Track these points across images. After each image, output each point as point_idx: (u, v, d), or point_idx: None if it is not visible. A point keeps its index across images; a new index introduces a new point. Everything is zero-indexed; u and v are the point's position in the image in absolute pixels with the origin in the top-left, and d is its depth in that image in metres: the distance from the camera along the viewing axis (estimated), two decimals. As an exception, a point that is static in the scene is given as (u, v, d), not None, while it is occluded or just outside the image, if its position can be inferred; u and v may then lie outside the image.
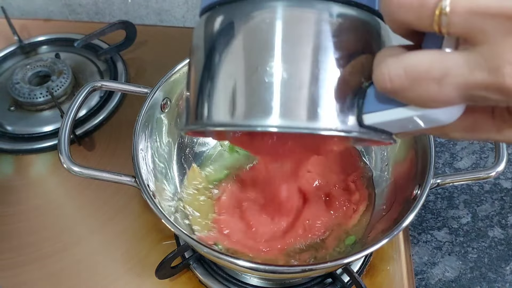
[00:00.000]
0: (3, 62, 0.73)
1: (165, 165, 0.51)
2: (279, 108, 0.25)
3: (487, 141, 0.42)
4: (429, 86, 0.21)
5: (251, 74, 0.25)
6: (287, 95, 0.25)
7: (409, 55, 0.21)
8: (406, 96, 0.22)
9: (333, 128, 0.25)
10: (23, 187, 0.59)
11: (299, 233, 0.48)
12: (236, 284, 0.48)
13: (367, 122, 0.25)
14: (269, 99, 0.25)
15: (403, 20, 0.22)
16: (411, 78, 0.21)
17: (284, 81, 0.25)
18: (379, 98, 0.25)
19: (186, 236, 0.39)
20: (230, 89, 0.26)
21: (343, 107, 0.25)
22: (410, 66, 0.21)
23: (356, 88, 0.25)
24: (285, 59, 0.25)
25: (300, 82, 0.25)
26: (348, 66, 0.25)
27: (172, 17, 0.85)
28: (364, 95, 0.25)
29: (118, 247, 0.52)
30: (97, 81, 0.49)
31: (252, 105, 0.25)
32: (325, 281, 0.48)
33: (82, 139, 0.63)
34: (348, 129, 0.25)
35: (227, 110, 0.26)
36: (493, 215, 0.60)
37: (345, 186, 0.51)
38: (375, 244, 0.37)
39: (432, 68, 0.21)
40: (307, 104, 0.25)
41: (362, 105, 0.25)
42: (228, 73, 0.26)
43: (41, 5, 0.87)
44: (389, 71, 0.22)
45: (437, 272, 0.55)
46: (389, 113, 0.24)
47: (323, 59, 0.25)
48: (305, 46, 0.25)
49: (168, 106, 0.51)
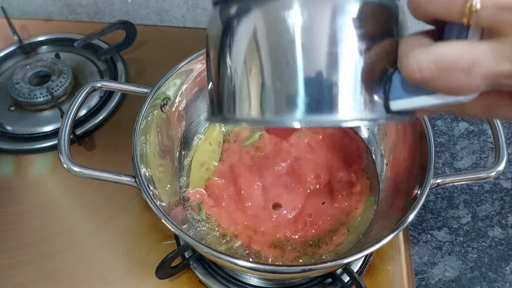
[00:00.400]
0: (3, 62, 0.73)
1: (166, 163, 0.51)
2: (309, 102, 0.25)
3: (505, 119, 0.43)
4: (458, 76, 0.22)
5: (275, 68, 0.25)
6: (314, 87, 0.25)
7: (437, 46, 0.22)
8: (435, 85, 0.23)
9: (364, 118, 0.25)
10: (23, 187, 0.59)
11: (299, 226, 0.48)
12: (236, 284, 0.48)
13: (394, 108, 0.26)
14: (297, 93, 0.25)
15: (431, 13, 0.23)
16: (440, 68, 0.22)
17: (309, 73, 0.25)
18: (405, 85, 0.25)
19: (186, 236, 0.39)
20: (254, 83, 0.26)
21: (371, 95, 0.25)
22: (439, 57, 0.22)
23: (382, 75, 0.26)
24: (308, 51, 0.25)
25: (325, 74, 0.25)
26: (373, 53, 0.25)
27: (172, 17, 0.85)
28: (390, 82, 0.26)
29: (118, 247, 0.52)
30: (97, 81, 0.49)
31: (279, 100, 0.25)
32: (325, 281, 0.48)
33: (82, 139, 0.63)
34: (377, 117, 0.26)
35: (253, 105, 0.26)
36: (493, 215, 0.60)
37: (347, 178, 0.51)
38: (375, 244, 0.37)
39: (461, 59, 0.22)
40: (335, 96, 0.25)
41: (389, 91, 0.26)
42: (251, 66, 0.26)
43: (41, 5, 0.87)
44: (418, 63, 0.23)
45: (437, 272, 0.55)
46: (417, 100, 0.25)
47: (347, 48, 0.25)
48: (328, 36, 0.25)
49: (168, 106, 0.51)
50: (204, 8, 0.83)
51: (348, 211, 0.49)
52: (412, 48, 0.23)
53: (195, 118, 0.56)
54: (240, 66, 0.26)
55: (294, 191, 0.50)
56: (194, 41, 0.74)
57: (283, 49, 0.25)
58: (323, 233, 0.48)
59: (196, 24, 0.86)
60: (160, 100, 0.50)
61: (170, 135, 0.53)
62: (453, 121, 0.70)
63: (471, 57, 0.21)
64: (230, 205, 0.50)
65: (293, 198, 0.49)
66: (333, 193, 0.50)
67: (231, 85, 0.27)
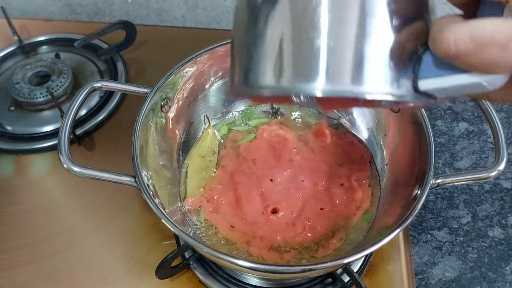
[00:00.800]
0: (3, 62, 0.73)
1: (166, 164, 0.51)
2: (336, 71, 0.25)
3: None
4: (494, 51, 0.22)
5: (303, 33, 0.25)
6: (343, 57, 0.25)
7: (474, 22, 0.22)
8: (469, 61, 0.23)
9: (391, 92, 0.25)
10: (23, 187, 0.59)
11: (297, 231, 0.48)
12: (236, 284, 0.48)
13: (422, 88, 0.26)
14: (326, 62, 0.25)
15: None
16: (476, 42, 0.22)
17: (339, 41, 0.25)
18: (436, 64, 0.25)
19: (186, 236, 0.39)
20: (277, 53, 0.26)
21: (400, 72, 0.25)
22: (475, 31, 0.22)
23: (412, 53, 0.26)
24: (339, 19, 0.25)
25: (355, 44, 0.24)
26: (404, 31, 0.25)
27: (172, 17, 0.85)
28: (420, 61, 0.26)
29: (118, 247, 0.52)
30: (97, 81, 0.49)
31: (306, 67, 0.25)
32: (325, 281, 0.48)
33: (82, 139, 0.63)
34: (404, 94, 0.26)
35: (275, 73, 0.26)
36: (493, 215, 0.60)
37: (348, 184, 0.51)
38: (375, 244, 0.37)
39: (498, 34, 0.21)
40: (363, 67, 0.25)
41: (418, 70, 0.26)
42: (275, 36, 0.26)
43: (41, 5, 0.87)
44: (454, 36, 0.22)
45: (437, 272, 0.55)
46: (448, 79, 0.25)
47: (379, 22, 0.25)
48: (360, 7, 0.25)
49: (168, 106, 0.51)
50: (204, 8, 0.83)
51: (347, 217, 0.49)
52: (447, 23, 0.23)
53: (195, 118, 0.56)
54: (268, 31, 0.26)
55: (293, 196, 0.50)
56: (194, 41, 0.74)
57: (313, 14, 0.25)
58: (321, 238, 0.48)
59: (196, 24, 0.86)
60: (160, 100, 0.50)
61: (170, 135, 0.53)
62: (453, 121, 0.70)
63: (508, 32, 0.21)
64: (228, 210, 0.50)
65: (292, 203, 0.49)
66: (332, 198, 0.50)
67: (258, 52, 0.27)
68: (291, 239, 0.47)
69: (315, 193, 0.50)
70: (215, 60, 0.53)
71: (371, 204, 0.50)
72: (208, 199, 0.51)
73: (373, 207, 0.50)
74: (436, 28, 0.24)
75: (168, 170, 0.51)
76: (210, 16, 0.84)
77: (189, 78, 0.52)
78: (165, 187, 0.49)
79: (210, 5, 0.82)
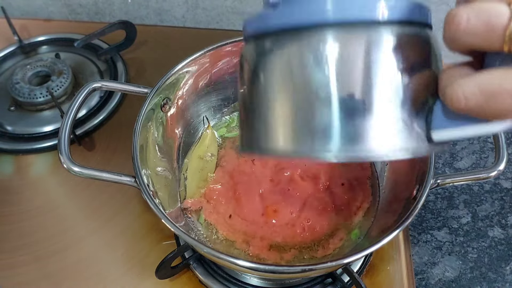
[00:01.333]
0: (3, 62, 0.73)
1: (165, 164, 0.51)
2: (350, 135, 0.24)
3: None
4: (505, 99, 0.22)
5: (313, 103, 0.25)
6: (355, 120, 0.24)
7: (481, 73, 0.22)
8: (481, 112, 0.23)
9: (407, 149, 0.25)
10: (23, 187, 0.59)
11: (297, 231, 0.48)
12: (236, 284, 0.48)
13: (436, 138, 0.26)
14: (340, 126, 0.24)
15: (470, 44, 0.23)
16: (486, 94, 0.22)
17: (348, 106, 0.24)
18: (448, 115, 0.25)
19: (186, 236, 0.39)
20: (292, 117, 0.26)
21: (412, 126, 0.25)
22: (484, 83, 0.22)
23: (422, 106, 0.25)
24: (346, 83, 0.24)
25: (365, 106, 0.24)
26: (412, 85, 0.25)
27: (172, 17, 0.85)
28: (431, 112, 0.25)
29: (118, 247, 0.52)
30: (97, 81, 0.49)
31: (318, 133, 0.25)
32: (325, 281, 0.48)
33: (82, 139, 0.63)
34: (419, 148, 0.25)
35: (290, 137, 0.26)
36: (493, 215, 0.60)
37: (348, 184, 0.51)
38: (375, 244, 0.37)
39: (506, 82, 0.21)
40: (376, 128, 0.24)
41: (431, 122, 0.25)
42: (288, 100, 0.26)
43: (41, 5, 0.87)
44: (463, 91, 0.22)
45: (437, 272, 0.55)
46: (462, 130, 0.25)
47: (385, 81, 0.24)
48: (364, 69, 0.24)
49: (168, 106, 0.51)
50: (204, 8, 0.83)
51: (347, 217, 0.49)
52: (455, 77, 0.23)
53: (195, 118, 0.56)
54: (276, 98, 0.26)
55: (293, 196, 0.50)
56: (194, 41, 0.74)
57: (319, 83, 0.25)
58: (321, 237, 0.48)
59: (196, 24, 0.86)
60: (160, 100, 0.50)
61: (170, 135, 0.53)
62: (453, 121, 0.70)
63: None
64: (228, 210, 0.50)
65: (291, 203, 0.49)
66: (333, 198, 0.50)
67: (267, 117, 0.27)
68: (291, 239, 0.47)
69: (315, 193, 0.50)
70: (215, 60, 0.53)
71: (371, 204, 0.50)
72: (208, 200, 0.51)
73: (373, 207, 0.50)
74: (444, 81, 0.24)
75: (168, 170, 0.51)
76: (210, 16, 0.84)
77: (189, 78, 0.52)
78: (165, 187, 0.49)
79: (210, 5, 0.82)
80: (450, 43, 0.24)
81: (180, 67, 0.50)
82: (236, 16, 0.82)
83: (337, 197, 0.50)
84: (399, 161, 0.50)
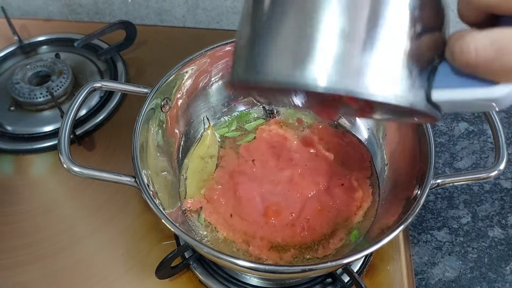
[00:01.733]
0: (3, 62, 0.73)
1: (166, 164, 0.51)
2: (350, 69, 0.24)
3: None
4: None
5: (315, 26, 0.24)
6: (358, 57, 0.24)
7: (493, 29, 0.22)
8: (490, 67, 0.23)
9: (403, 99, 0.25)
10: (23, 187, 0.59)
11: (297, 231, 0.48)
12: (236, 284, 0.48)
13: (434, 98, 0.25)
14: (342, 58, 0.24)
15: (487, 4, 0.23)
16: (497, 49, 0.22)
17: (356, 40, 0.24)
18: (451, 76, 0.25)
19: (186, 236, 0.39)
20: (288, 44, 0.25)
21: (415, 78, 0.25)
22: (496, 38, 0.22)
23: (428, 62, 0.25)
24: (357, 14, 0.24)
25: (372, 46, 0.24)
26: (422, 39, 0.25)
27: (172, 17, 0.85)
28: (435, 72, 0.25)
29: (118, 247, 0.52)
30: (97, 81, 0.49)
31: (316, 61, 0.24)
32: (325, 281, 0.48)
33: (82, 139, 0.63)
34: (416, 102, 0.25)
35: (291, 63, 0.24)
36: (493, 215, 0.60)
37: (348, 184, 0.51)
38: (375, 244, 0.37)
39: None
40: (377, 70, 0.24)
41: (433, 80, 0.25)
42: (287, 25, 0.25)
43: (41, 5, 0.87)
44: (475, 43, 0.22)
45: (437, 272, 0.55)
46: (461, 92, 0.25)
47: (398, 27, 0.24)
48: (379, 10, 0.24)
49: (168, 106, 0.51)
50: (204, 8, 0.83)
51: (347, 217, 0.49)
52: (466, 32, 0.23)
53: (195, 118, 0.56)
54: (277, 20, 0.25)
55: (293, 196, 0.50)
56: (194, 41, 0.74)
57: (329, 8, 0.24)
58: (321, 237, 0.48)
59: (196, 24, 0.86)
60: (160, 100, 0.50)
61: (170, 135, 0.53)
62: (453, 121, 0.70)
63: None
64: (228, 211, 0.50)
65: (291, 203, 0.49)
66: (333, 198, 0.50)
67: (267, 41, 0.25)
68: (291, 239, 0.47)
69: (315, 193, 0.50)
70: (215, 60, 0.53)
71: (371, 204, 0.50)
72: (208, 200, 0.51)
73: (373, 207, 0.50)
74: (455, 36, 0.24)
75: (168, 170, 0.51)
76: (210, 16, 0.84)
77: (189, 78, 0.52)
78: (165, 188, 0.49)
79: (210, 5, 0.82)
80: (466, 4, 0.24)
81: (180, 67, 0.50)
82: (236, 16, 0.82)
83: (337, 197, 0.50)
84: (399, 161, 0.50)
